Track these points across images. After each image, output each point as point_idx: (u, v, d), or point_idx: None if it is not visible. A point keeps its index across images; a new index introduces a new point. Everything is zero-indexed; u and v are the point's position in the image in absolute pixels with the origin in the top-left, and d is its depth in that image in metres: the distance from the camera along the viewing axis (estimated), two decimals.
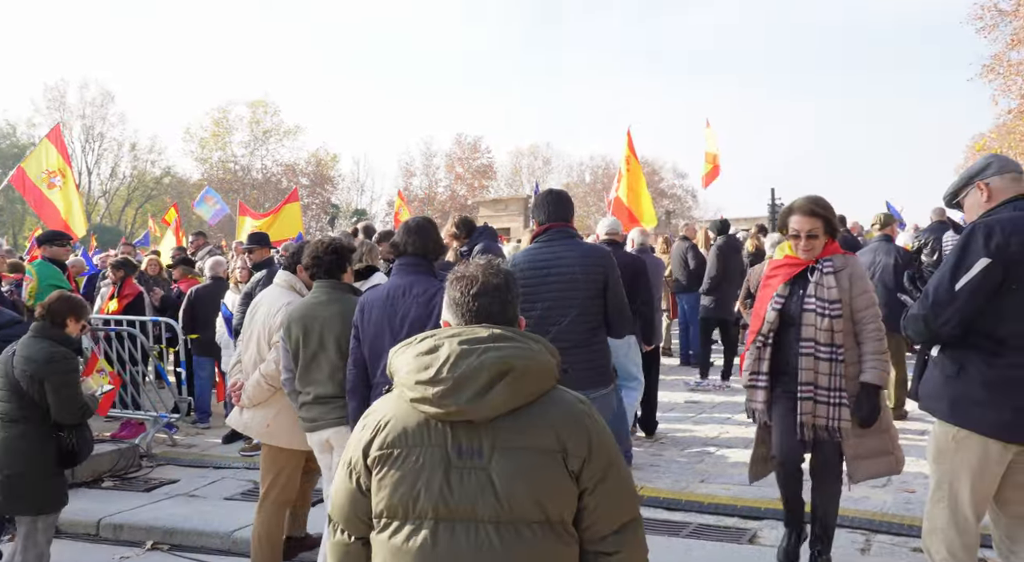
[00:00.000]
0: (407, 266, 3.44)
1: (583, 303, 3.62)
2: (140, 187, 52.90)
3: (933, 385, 2.79)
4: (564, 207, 3.83)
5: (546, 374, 1.67)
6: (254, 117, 53.64)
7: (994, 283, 2.58)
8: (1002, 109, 26.38)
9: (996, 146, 28.73)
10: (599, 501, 1.64)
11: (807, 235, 3.36)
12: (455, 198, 55.24)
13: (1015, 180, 2.78)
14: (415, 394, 1.62)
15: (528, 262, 3.70)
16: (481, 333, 1.65)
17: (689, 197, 56.93)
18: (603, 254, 3.80)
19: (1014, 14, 23.72)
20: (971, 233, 2.65)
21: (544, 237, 3.75)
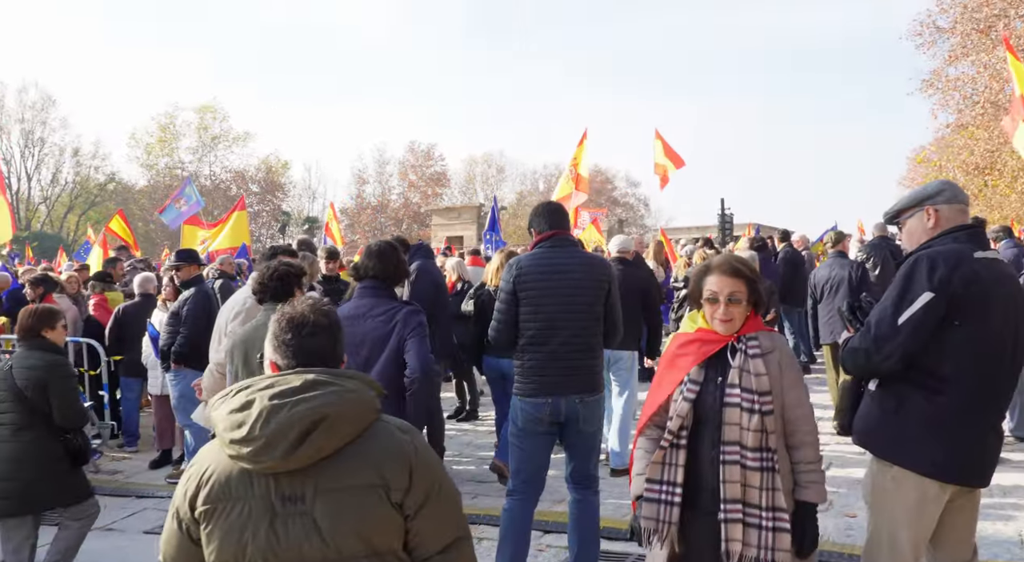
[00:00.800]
0: (368, 289, 3.55)
1: (587, 309, 3.64)
2: (83, 194, 51.37)
3: (870, 420, 2.69)
4: (564, 217, 3.90)
5: (364, 412, 1.71)
6: (202, 123, 52.58)
7: (936, 318, 2.50)
8: (941, 123, 27.16)
9: (935, 159, 29.61)
10: (422, 524, 1.70)
11: (727, 300, 2.55)
12: (408, 206, 54.88)
13: (962, 212, 2.73)
14: (232, 451, 1.65)
15: (533, 267, 3.69)
16: (294, 382, 1.67)
17: (642, 206, 57.58)
18: (605, 263, 3.88)
19: (951, 31, 24.43)
20: (915, 264, 2.56)
21: (547, 243, 3.75)
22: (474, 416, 7.53)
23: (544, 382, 3.57)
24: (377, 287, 3.55)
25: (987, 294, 2.51)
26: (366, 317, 3.44)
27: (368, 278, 3.58)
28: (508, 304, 3.66)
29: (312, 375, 1.69)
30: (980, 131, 24.16)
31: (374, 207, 55.62)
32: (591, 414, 3.63)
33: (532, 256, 3.75)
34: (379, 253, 3.61)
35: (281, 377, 1.70)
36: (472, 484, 5.27)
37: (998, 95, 23.31)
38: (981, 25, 23.18)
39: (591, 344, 3.65)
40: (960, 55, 24.25)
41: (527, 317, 3.61)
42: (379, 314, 3.44)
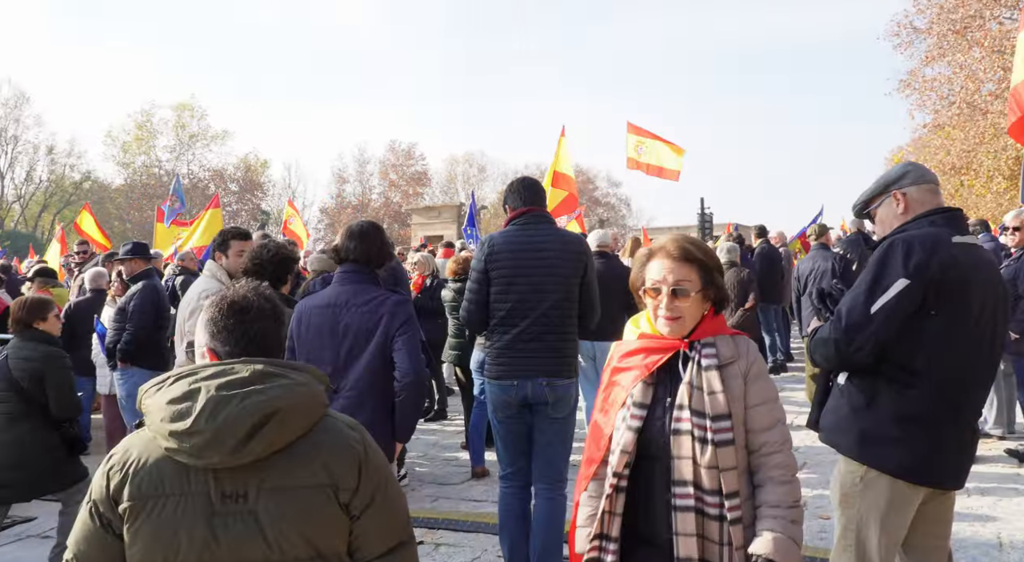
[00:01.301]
0: (349, 274, 3.25)
1: (562, 289, 3.50)
2: (58, 192, 50.57)
3: (839, 417, 2.49)
4: (538, 194, 3.72)
5: (315, 406, 1.60)
6: (179, 121, 51.94)
7: (912, 306, 2.32)
8: (918, 123, 27.32)
9: (913, 158, 29.80)
10: (367, 526, 1.61)
11: (673, 290, 1.97)
12: (389, 205, 54.55)
13: (932, 192, 2.55)
14: (170, 445, 1.51)
15: (506, 244, 3.53)
16: (242, 372, 1.55)
17: (623, 205, 57.57)
18: (581, 241, 3.71)
19: (928, 32, 24.56)
20: (889, 249, 2.38)
21: (521, 220, 3.59)
22: (442, 416, 7.32)
23: (512, 364, 3.44)
24: (359, 271, 3.24)
25: (966, 281, 2.34)
26: (349, 305, 3.15)
27: (349, 262, 3.26)
28: (479, 283, 3.52)
29: (261, 366, 1.57)
30: (956, 131, 24.33)
31: (354, 207, 55.24)
32: (560, 400, 3.46)
33: (505, 233, 3.57)
34: (361, 234, 3.29)
35: (227, 366, 1.57)
36: (433, 487, 5.06)
37: (974, 96, 23.47)
38: (957, 26, 23.34)
39: (563, 326, 3.49)
40: (936, 56, 24.40)
41: (498, 297, 3.48)
42: (363, 303, 3.14)
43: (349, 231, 3.34)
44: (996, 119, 23.20)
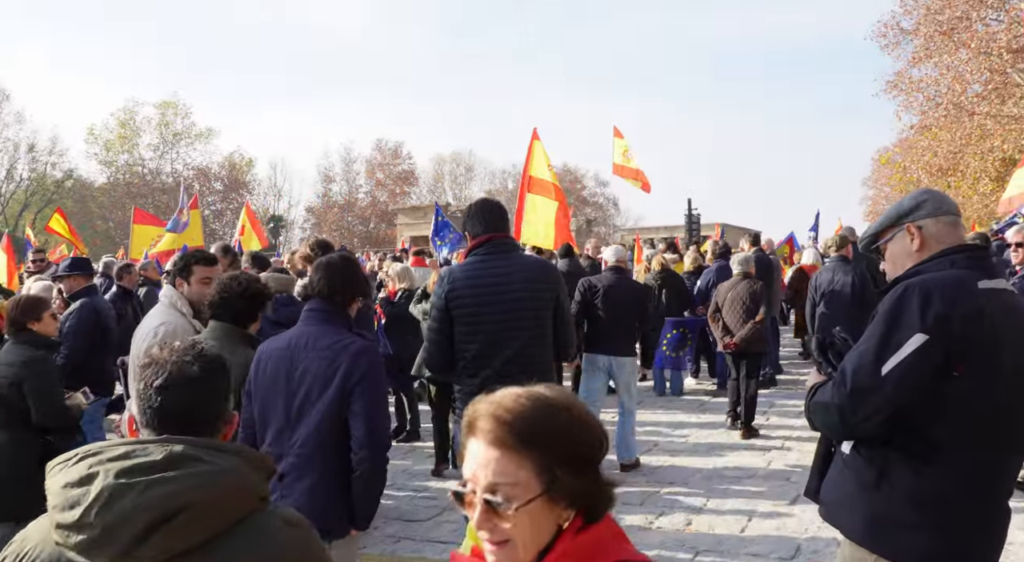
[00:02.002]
0: (314, 312, 2.85)
1: (534, 324, 3.27)
2: (39, 191, 49.83)
3: (843, 493, 2.12)
4: (501, 218, 3.43)
5: (241, 499, 1.36)
6: (163, 119, 51.32)
7: (931, 367, 1.94)
8: (904, 124, 27.24)
9: (899, 160, 29.73)
10: None
11: (487, 499, 1.13)
12: (376, 204, 54.15)
13: (953, 225, 2.16)
14: (58, 538, 1.31)
15: (467, 279, 3.27)
16: (154, 455, 1.32)
17: (611, 205, 57.38)
18: (550, 269, 3.48)
19: (915, 33, 24.46)
20: (903, 297, 1.99)
21: (482, 250, 3.32)
22: (415, 437, 7.07)
23: None
24: (325, 309, 2.82)
25: (996, 335, 1.95)
26: (308, 348, 2.73)
27: (315, 297, 2.87)
28: (441, 323, 3.25)
29: (180, 446, 1.34)
30: (943, 132, 24.24)
31: (341, 206, 54.79)
32: None
33: (466, 267, 3.29)
34: (327, 266, 2.89)
35: (139, 446, 1.35)
36: (399, 524, 4.79)
37: (960, 97, 23.39)
38: (944, 27, 23.24)
39: (540, 364, 3.24)
40: (923, 57, 24.31)
41: (464, 337, 3.22)
42: (324, 347, 2.71)
43: (317, 263, 2.96)
44: (982, 121, 23.13)
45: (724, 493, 5.22)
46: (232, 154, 53.63)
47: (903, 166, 27.80)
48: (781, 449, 6.22)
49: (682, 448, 6.43)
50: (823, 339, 2.23)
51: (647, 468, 5.86)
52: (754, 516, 4.76)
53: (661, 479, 5.61)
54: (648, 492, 5.33)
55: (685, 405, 8.16)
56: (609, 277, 6.12)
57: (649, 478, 5.64)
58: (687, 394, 8.72)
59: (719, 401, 8.25)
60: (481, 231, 3.32)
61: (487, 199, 3.53)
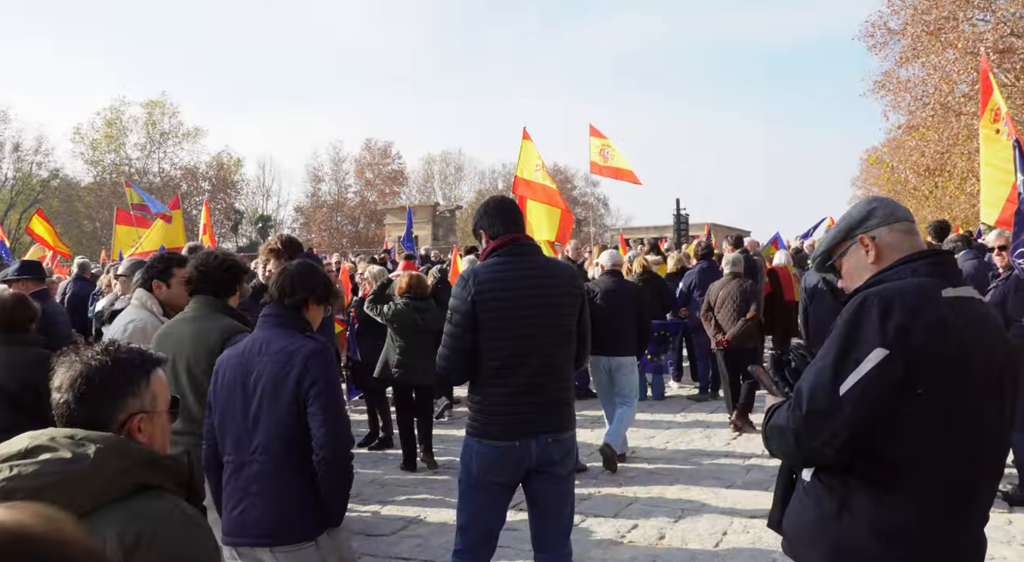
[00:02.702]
0: (269, 317, 2.84)
1: (563, 329, 3.09)
2: (25, 190, 49.43)
3: (805, 524, 1.96)
4: (519, 217, 3.27)
5: (90, 489, 1.42)
6: (150, 118, 50.96)
7: (892, 385, 1.77)
8: (892, 124, 27.25)
9: (888, 160, 29.73)
10: None
11: None
12: (365, 204, 53.91)
13: (908, 232, 2.02)
14: None
15: (495, 281, 3.00)
16: (16, 445, 1.45)
17: (601, 205, 57.33)
18: (576, 274, 3.34)
19: (902, 33, 24.44)
20: (860, 308, 1.83)
21: (506, 251, 3.08)
22: (387, 444, 6.89)
23: (512, 421, 2.96)
24: (277, 314, 2.82)
25: (962, 348, 1.81)
26: (262, 353, 2.72)
27: (272, 303, 2.88)
28: (464, 329, 2.97)
29: (47, 438, 1.45)
30: (931, 132, 24.25)
31: (330, 206, 54.54)
32: (567, 454, 3.05)
33: (492, 268, 3.04)
34: (282, 272, 2.90)
35: (14, 440, 1.48)
36: (360, 538, 4.55)
37: (948, 97, 23.42)
38: (931, 27, 23.24)
39: (565, 371, 3.10)
40: (911, 57, 24.31)
41: (491, 344, 2.96)
42: (276, 350, 2.70)
43: (282, 269, 2.95)
44: (969, 121, 23.12)
45: (700, 505, 5.06)
46: (220, 154, 53.33)
47: (891, 166, 27.80)
48: (762, 456, 6.05)
49: (660, 455, 6.28)
50: (779, 356, 2.06)
51: (623, 475, 5.71)
52: (730, 530, 4.60)
53: (637, 487, 5.46)
54: (622, 501, 5.19)
55: (665, 409, 8.02)
56: (606, 281, 6.38)
57: (624, 486, 5.49)
58: (669, 398, 8.59)
59: (700, 406, 8.13)
60: (503, 230, 3.10)
61: (504, 198, 3.32)
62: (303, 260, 3.04)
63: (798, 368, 1.99)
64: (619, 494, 5.32)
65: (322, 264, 8.48)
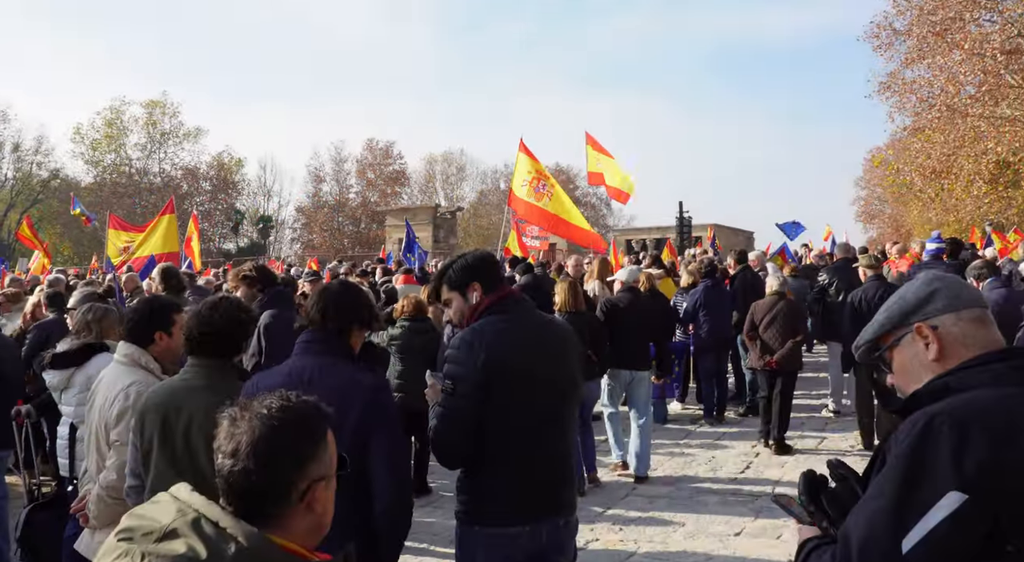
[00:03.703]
0: (312, 344, 2.57)
1: (573, 396, 2.83)
2: (25, 190, 49.32)
3: None
4: (500, 269, 2.97)
5: None
6: (151, 118, 50.76)
7: (973, 540, 1.36)
8: (897, 125, 26.94)
9: (892, 161, 29.41)
10: None
11: None
12: (367, 205, 53.67)
13: (981, 322, 1.61)
14: None
15: (509, 344, 2.60)
16: (159, 518, 1.27)
17: (603, 206, 56.97)
18: (572, 333, 3.01)
19: (908, 34, 24.15)
20: (926, 434, 1.42)
21: (504, 306, 2.69)
22: None
23: (524, 502, 2.57)
24: (321, 340, 2.55)
25: None
26: (315, 385, 2.33)
27: (308, 329, 2.60)
28: (474, 401, 2.52)
29: (191, 516, 1.27)
30: (936, 134, 23.96)
31: (331, 206, 54.32)
32: (572, 536, 2.78)
33: (498, 328, 2.62)
34: (321, 292, 2.64)
35: (153, 507, 1.32)
36: None
37: (954, 98, 23.13)
38: (937, 28, 22.95)
39: (572, 440, 2.85)
40: (916, 58, 24.01)
41: (503, 414, 2.55)
42: (332, 386, 2.33)
43: (315, 290, 2.76)
44: (976, 122, 22.85)
45: (706, 559, 4.69)
46: (221, 154, 53.12)
47: (896, 168, 27.50)
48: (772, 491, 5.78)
49: (663, 491, 5.96)
50: (812, 479, 1.67)
51: (623, 517, 5.43)
52: None
53: (638, 534, 5.10)
54: (620, 555, 4.82)
55: (668, 436, 7.73)
56: (626, 297, 6.69)
57: (624, 530, 5.18)
58: (671, 421, 8.32)
59: (704, 431, 7.87)
60: (491, 286, 2.71)
61: (490, 253, 2.98)
62: (343, 280, 2.86)
63: (838, 496, 1.61)
64: (619, 546, 4.97)
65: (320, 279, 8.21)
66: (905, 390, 1.63)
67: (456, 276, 2.75)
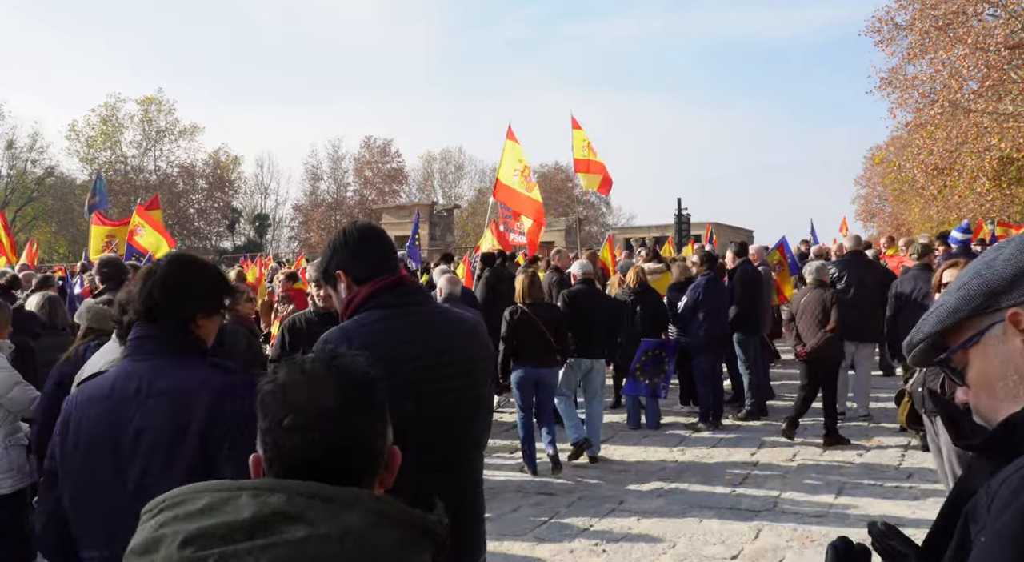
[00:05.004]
0: (143, 340, 1.92)
1: (485, 406, 2.26)
2: (19, 188, 49.01)
3: None
4: (391, 250, 2.27)
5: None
6: (146, 115, 50.45)
7: None
8: (898, 122, 26.55)
9: (893, 158, 29.02)
10: None
11: None
12: (364, 203, 53.34)
13: None
14: None
15: (381, 348, 1.88)
16: (241, 512, 0.97)
17: (602, 204, 56.60)
18: (483, 329, 2.35)
19: (910, 28, 23.76)
20: None
21: (384, 301, 2.11)
22: None
23: None
24: (154, 336, 1.92)
25: None
26: (141, 395, 1.83)
27: (136, 323, 1.94)
28: None
29: (280, 504, 0.97)
30: (939, 131, 23.58)
31: (328, 204, 54.01)
32: None
33: (370, 326, 2.06)
34: (146, 275, 1.97)
35: (232, 493, 1.00)
36: None
37: (956, 94, 22.76)
38: (939, 22, 22.59)
39: (480, 470, 2.27)
40: (919, 53, 23.63)
41: None
42: (166, 390, 1.83)
43: (146, 270, 2.00)
44: (979, 118, 22.48)
45: None
46: (217, 151, 52.79)
47: (898, 164, 27.11)
48: (773, 510, 5.34)
49: (651, 508, 5.45)
50: (884, 530, 1.19)
51: (607, 534, 4.96)
52: None
53: (622, 559, 4.62)
54: None
55: (662, 442, 7.30)
56: (581, 289, 7.08)
57: (607, 556, 4.65)
58: (664, 426, 7.91)
59: (700, 437, 7.46)
60: (371, 272, 2.14)
61: (369, 226, 2.29)
62: (179, 254, 2.12)
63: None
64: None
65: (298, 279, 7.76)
66: (990, 414, 1.09)
67: (324, 261, 2.21)
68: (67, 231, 46.99)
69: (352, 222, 2.31)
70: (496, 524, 5.13)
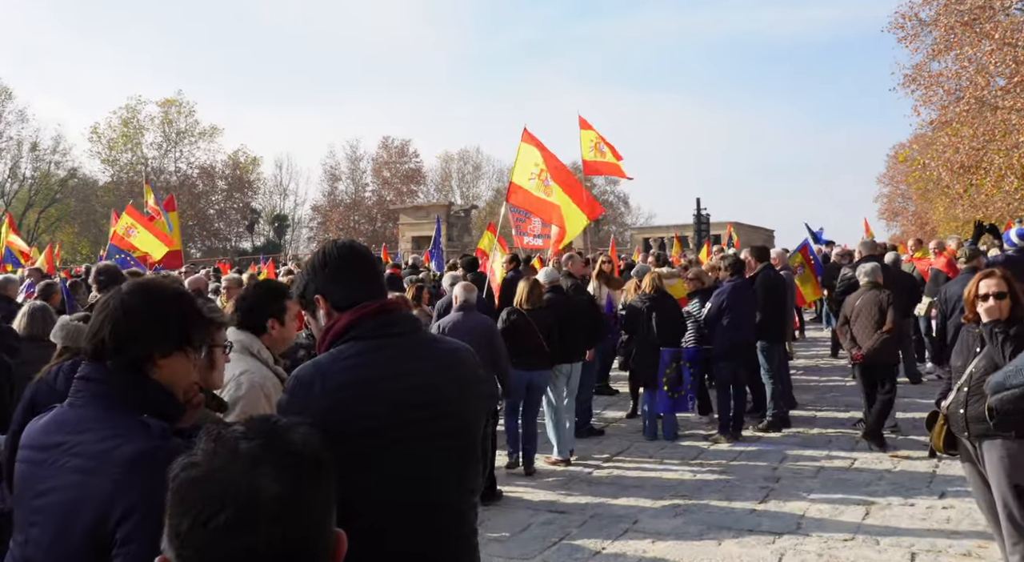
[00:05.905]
0: (88, 383, 1.65)
1: (472, 455, 1.96)
2: (43, 190, 49.58)
3: None
4: (376, 271, 2.03)
5: None
6: (166, 117, 50.87)
7: None
8: (921, 120, 26.00)
9: (918, 156, 28.44)
10: None
11: None
12: (382, 203, 53.39)
13: None
14: None
15: (361, 386, 1.78)
16: None
17: (621, 203, 56.27)
18: (474, 356, 2.06)
19: (934, 24, 23.24)
20: None
21: (366, 332, 1.88)
22: None
23: None
24: (100, 380, 1.65)
25: None
26: (59, 450, 1.57)
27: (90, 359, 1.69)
28: None
29: None
30: (964, 128, 23.05)
31: (347, 205, 54.13)
32: None
33: (349, 361, 1.83)
34: (102, 307, 1.70)
35: None
36: None
37: (983, 91, 22.25)
38: (965, 17, 22.10)
39: (472, 525, 1.96)
40: (943, 49, 23.11)
41: (360, 491, 1.63)
42: (77, 450, 1.55)
43: (103, 301, 1.72)
44: (1006, 115, 21.93)
45: None
46: (236, 152, 53.10)
47: (922, 163, 26.54)
48: (796, 532, 5.06)
49: (667, 529, 5.19)
50: None
51: (616, 558, 4.74)
52: None
53: None
54: None
55: (678, 455, 7.04)
56: (552, 298, 7.15)
57: None
58: (682, 437, 7.65)
59: (719, 450, 7.18)
60: (352, 296, 1.91)
61: (351, 246, 2.02)
62: (140, 284, 1.79)
63: None
64: None
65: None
66: None
67: (302, 285, 1.98)
68: (89, 232, 47.45)
69: (333, 241, 2.07)
70: (503, 545, 4.93)
